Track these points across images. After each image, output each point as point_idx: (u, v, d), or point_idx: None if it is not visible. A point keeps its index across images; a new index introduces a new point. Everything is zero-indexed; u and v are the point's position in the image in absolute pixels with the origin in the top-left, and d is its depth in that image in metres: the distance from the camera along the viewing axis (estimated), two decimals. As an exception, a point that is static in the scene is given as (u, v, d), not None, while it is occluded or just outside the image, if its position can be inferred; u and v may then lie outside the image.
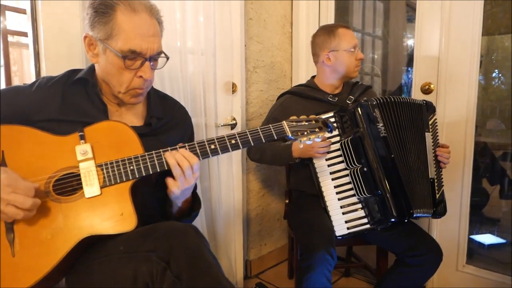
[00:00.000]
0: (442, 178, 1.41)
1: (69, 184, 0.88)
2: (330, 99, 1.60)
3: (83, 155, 0.89)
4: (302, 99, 1.64)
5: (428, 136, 1.39)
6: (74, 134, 0.91)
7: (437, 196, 1.37)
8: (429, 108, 1.43)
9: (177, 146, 0.93)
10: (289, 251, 2.02)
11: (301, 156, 1.45)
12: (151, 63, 0.98)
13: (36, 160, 0.88)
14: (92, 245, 0.86)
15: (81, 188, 0.87)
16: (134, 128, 0.97)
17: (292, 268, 2.00)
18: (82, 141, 0.91)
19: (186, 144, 0.94)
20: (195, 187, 1.07)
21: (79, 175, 0.88)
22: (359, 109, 1.35)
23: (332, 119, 1.42)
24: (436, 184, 1.37)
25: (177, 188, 0.92)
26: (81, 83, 1.03)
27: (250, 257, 2.10)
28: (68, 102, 1.00)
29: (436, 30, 1.78)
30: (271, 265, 2.22)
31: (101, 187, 0.87)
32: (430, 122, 1.40)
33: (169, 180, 0.92)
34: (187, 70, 1.59)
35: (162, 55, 1.01)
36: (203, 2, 1.62)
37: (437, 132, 1.44)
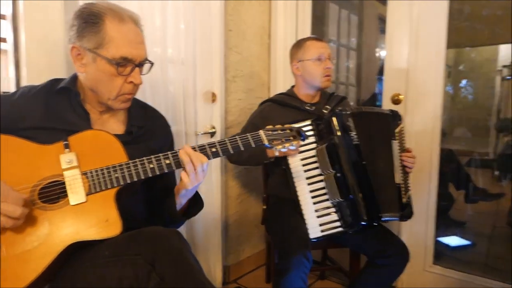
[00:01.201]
0: (408, 183, 1.51)
1: (54, 192, 0.90)
2: (308, 108, 1.68)
3: (68, 164, 0.92)
4: (282, 107, 1.71)
5: (395, 143, 1.48)
6: (58, 143, 0.94)
7: (404, 200, 1.46)
8: (396, 117, 1.52)
9: (176, 150, 0.99)
10: (266, 256, 2.07)
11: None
12: (140, 69, 1.03)
13: (20, 169, 0.90)
14: (78, 251, 0.89)
15: (66, 195, 0.90)
16: (116, 136, 1.01)
17: (270, 272, 2.05)
18: (67, 149, 0.93)
19: (169, 152, 0.99)
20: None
21: (64, 183, 0.90)
22: (334, 118, 1.42)
23: (309, 127, 1.49)
24: (402, 189, 1.46)
25: (189, 182, 0.99)
26: (64, 92, 1.05)
27: (228, 262, 2.14)
28: (51, 110, 1.03)
29: (405, 43, 1.90)
30: (249, 270, 2.26)
31: (87, 194, 0.90)
32: (396, 130, 1.49)
33: (183, 175, 1.00)
34: (167, 79, 1.63)
35: (147, 61, 1.06)
36: (184, 12, 1.67)
37: (404, 140, 1.54)
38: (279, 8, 2.24)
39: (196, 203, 1.16)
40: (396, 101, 1.91)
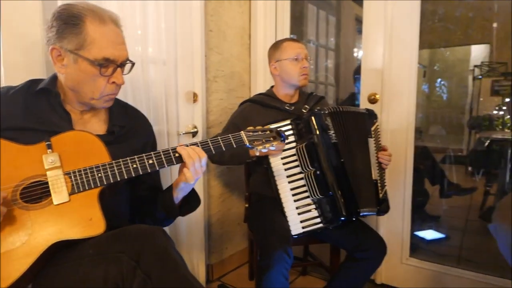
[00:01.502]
0: (384, 179, 1.57)
1: (37, 192, 0.90)
2: (287, 108, 1.71)
3: (51, 164, 0.92)
4: (262, 107, 1.74)
5: (371, 141, 1.53)
6: (41, 144, 0.94)
7: (381, 195, 1.52)
8: (371, 116, 1.58)
9: (159, 151, 1.02)
10: (249, 254, 2.10)
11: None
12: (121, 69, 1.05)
13: (2, 169, 0.90)
14: (62, 250, 0.89)
15: (49, 195, 0.90)
16: (98, 136, 1.01)
17: (253, 270, 2.08)
18: (49, 150, 0.93)
19: (152, 152, 1.01)
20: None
21: (47, 183, 0.91)
22: (313, 117, 1.47)
23: (289, 127, 1.53)
24: (379, 185, 1.52)
25: (190, 175, 1.03)
26: (43, 93, 1.05)
27: (211, 261, 2.16)
28: (31, 111, 1.02)
29: (380, 44, 1.96)
30: (232, 268, 2.29)
31: (70, 194, 0.91)
32: (372, 129, 1.55)
33: (185, 170, 1.03)
34: (149, 79, 1.63)
35: (128, 61, 1.07)
36: (164, 13, 1.68)
37: (380, 137, 1.60)
38: (259, 9, 2.28)
39: (188, 201, 1.18)
40: (372, 100, 1.98)
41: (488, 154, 3.39)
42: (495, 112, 4.16)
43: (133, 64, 1.09)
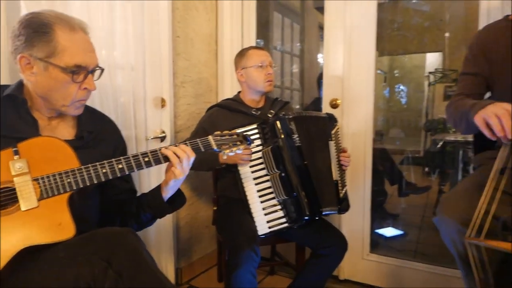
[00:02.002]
0: (345, 179, 1.67)
1: (4, 199, 0.90)
2: (254, 113, 1.78)
3: (18, 170, 0.93)
4: (229, 112, 1.80)
5: (332, 144, 1.63)
6: (7, 150, 0.94)
7: (341, 195, 1.62)
8: (332, 120, 1.67)
9: (129, 155, 1.04)
10: (218, 256, 2.14)
11: (226, 162, 1.60)
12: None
13: (-34, 176, 0.89)
14: (34, 254, 0.90)
15: (17, 201, 0.90)
16: (67, 141, 1.03)
17: (221, 272, 2.12)
18: (17, 156, 0.94)
19: (121, 157, 1.03)
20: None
21: (14, 189, 0.91)
22: (278, 122, 1.54)
23: (255, 131, 1.59)
24: (339, 185, 1.62)
25: (179, 173, 1.08)
26: (9, 100, 1.05)
27: (180, 264, 2.17)
28: None
29: (340, 52, 2.07)
30: (201, 271, 2.31)
31: (38, 200, 0.92)
32: (333, 132, 1.65)
33: (173, 168, 1.08)
34: (117, 84, 1.64)
35: (98, 67, 1.09)
36: (132, 19, 1.70)
37: (340, 140, 1.70)
38: (226, 16, 2.34)
39: (174, 199, 1.22)
40: (334, 105, 2.09)
41: (442, 155, 3.64)
42: (448, 115, 4.44)
43: (102, 70, 1.11)
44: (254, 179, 1.59)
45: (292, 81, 3.71)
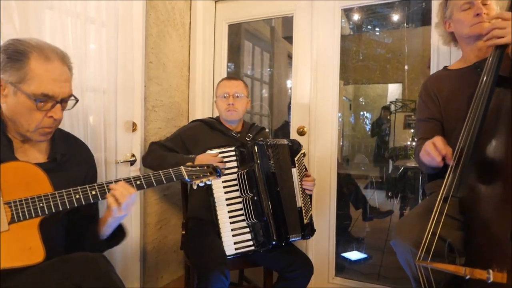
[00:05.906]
0: (310, 204, 1.74)
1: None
2: (234, 135, 1.86)
3: (-12, 194, 0.92)
4: (211, 129, 1.88)
5: (295, 171, 1.71)
6: (-22, 173, 0.94)
7: (305, 221, 1.69)
8: (295, 145, 1.76)
9: (102, 183, 1.05)
10: (185, 281, 2.11)
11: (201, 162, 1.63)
12: (62, 105, 1.08)
13: None
14: (1, 279, 0.88)
15: (-14, 225, 0.90)
16: (39, 164, 1.03)
17: (189, 297, 2.09)
18: (-12, 180, 0.93)
19: (95, 184, 1.05)
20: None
21: (-17, 213, 0.90)
22: (256, 147, 1.61)
23: (233, 153, 1.65)
24: (304, 211, 1.69)
25: (118, 211, 1.08)
26: None
27: (146, 290, 2.13)
28: None
29: (307, 80, 2.20)
30: (168, 297, 2.28)
31: (9, 223, 0.91)
32: (296, 158, 1.73)
33: (114, 208, 1.07)
34: (88, 107, 1.65)
35: (72, 97, 1.11)
36: (106, 43, 1.73)
37: (303, 165, 1.78)
38: (198, 43, 2.42)
39: (114, 235, 1.21)
40: (301, 133, 2.19)
41: (403, 180, 3.83)
42: (408, 143, 4.72)
43: (77, 100, 1.13)
44: (227, 199, 1.62)
45: (262, 106, 3.82)
